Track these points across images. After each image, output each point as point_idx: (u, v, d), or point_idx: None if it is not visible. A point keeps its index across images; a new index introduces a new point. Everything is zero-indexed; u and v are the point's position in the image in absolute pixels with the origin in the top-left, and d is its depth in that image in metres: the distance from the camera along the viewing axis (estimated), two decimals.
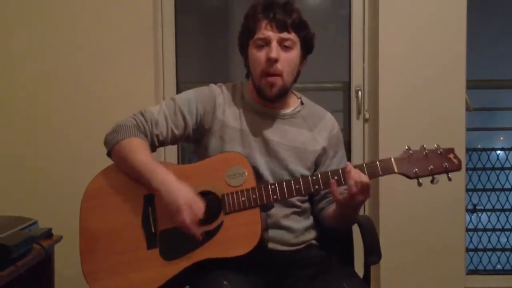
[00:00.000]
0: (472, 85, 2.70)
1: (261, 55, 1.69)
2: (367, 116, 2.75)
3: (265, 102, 1.76)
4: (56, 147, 2.63)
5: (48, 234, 2.03)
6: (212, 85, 1.83)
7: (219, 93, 1.80)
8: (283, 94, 1.74)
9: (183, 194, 1.56)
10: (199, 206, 1.56)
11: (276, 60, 1.67)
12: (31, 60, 2.64)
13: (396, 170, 1.56)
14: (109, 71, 2.63)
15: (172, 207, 1.56)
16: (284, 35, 1.68)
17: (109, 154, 1.72)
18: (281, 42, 1.68)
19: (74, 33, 2.63)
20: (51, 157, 2.63)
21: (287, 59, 1.69)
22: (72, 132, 2.63)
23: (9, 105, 2.65)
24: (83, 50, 2.63)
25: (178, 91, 2.77)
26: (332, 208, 1.72)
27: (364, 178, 1.53)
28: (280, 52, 1.68)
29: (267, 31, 1.68)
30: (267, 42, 1.68)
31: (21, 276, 1.73)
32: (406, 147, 1.57)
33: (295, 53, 1.72)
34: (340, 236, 1.90)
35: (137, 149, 1.65)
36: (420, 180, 1.55)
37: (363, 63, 2.77)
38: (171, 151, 2.77)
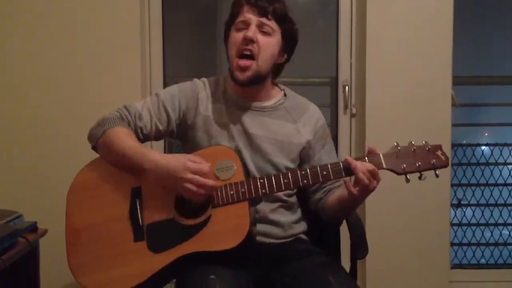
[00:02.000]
0: (458, 81, 2.71)
1: (238, 35, 1.69)
2: (354, 111, 2.75)
3: (246, 94, 1.77)
4: (41, 141, 2.61)
5: (33, 227, 2.02)
6: (196, 80, 1.83)
7: (202, 88, 1.80)
8: (256, 81, 1.72)
9: (175, 163, 1.56)
10: (197, 163, 1.56)
11: (252, 40, 1.67)
12: (15, 56, 2.62)
13: (384, 165, 1.56)
14: (95, 66, 2.61)
15: (171, 180, 1.56)
16: (264, 20, 1.69)
17: (94, 148, 1.71)
18: (260, 26, 1.69)
19: (61, 30, 2.60)
20: (36, 150, 2.61)
21: (264, 43, 1.69)
22: (58, 126, 2.61)
23: None
24: (70, 46, 2.60)
25: (165, 85, 2.75)
26: (335, 197, 1.73)
27: (369, 166, 1.53)
28: (258, 35, 1.69)
29: (247, 14, 1.69)
30: (247, 25, 1.69)
31: (6, 269, 1.72)
32: (395, 143, 1.57)
33: (273, 40, 1.72)
34: (328, 230, 1.91)
35: (124, 136, 1.65)
36: (408, 176, 1.56)
37: (351, 58, 2.78)
38: (158, 146, 2.76)
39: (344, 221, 1.84)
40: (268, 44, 1.70)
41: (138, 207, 1.63)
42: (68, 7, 2.60)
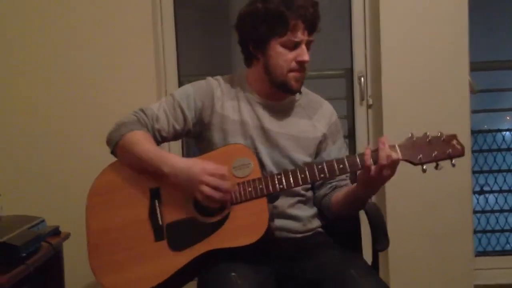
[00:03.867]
0: (476, 67, 2.68)
1: (290, 55, 1.68)
2: (370, 102, 2.74)
3: (267, 94, 1.77)
4: (61, 145, 2.63)
5: (56, 232, 2.05)
6: (210, 79, 1.84)
7: (216, 86, 1.80)
8: None
9: (194, 167, 1.57)
10: (214, 166, 1.57)
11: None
12: (32, 59, 2.63)
13: (400, 156, 1.56)
14: (110, 67, 2.62)
15: (190, 183, 1.57)
16: (312, 37, 1.69)
17: (113, 152, 1.73)
18: (307, 44, 1.70)
19: (73, 30, 2.61)
20: (56, 155, 2.63)
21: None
22: (76, 129, 2.63)
23: (13, 105, 2.64)
24: (83, 47, 2.62)
25: (180, 83, 2.76)
26: (343, 192, 1.73)
27: (395, 154, 1.53)
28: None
29: (301, 35, 1.66)
30: (297, 44, 1.67)
31: (30, 274, 1.74)
32: (410, 134, 1.58)
33: None
34: (347, 223, 1.91)
35: (142, 139, 1.67)
36: (424, 167, 1.55)
37: (365, 49, 2.75)
38: (175, 146, 2.77)
39: (365, 214, 1.83)
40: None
41: (157, 207, 1.64)
42: (80, 7, 2.61)
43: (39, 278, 1.91)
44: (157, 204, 1.64)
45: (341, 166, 1.58)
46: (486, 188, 3.00)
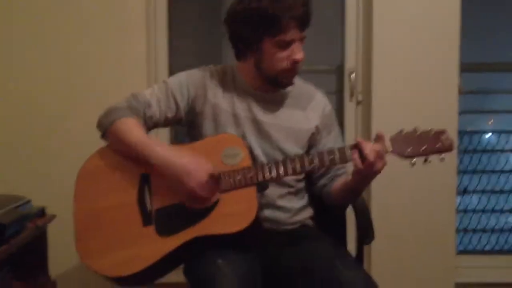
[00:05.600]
0: (466, 68, 2.70)
1: (284, 54, 1.66)
2: (360, 98, 2.75)
3: (260, 86, 1.76)
4: (50, 126, 2.62)
5: (41, 213, 2.04)
6: (203, 68, 1.83)
7: (210, 75, 1.80)
8: None
9: (183, 163, 1.58)
10: (203, 170, 1.58)
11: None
12: (20, 48, 2.62)
13: (390, 149, 1.57)
14: (101, 55, 2.61)
15: (175, 177, 1.57)
16: (304, 33, 1.68)
17: (103, 136, 1.72)
18: (301, 41, 1.68)
19: (66, 21, 2.60)
20: (44, 136, 2.62)
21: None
22: (66, 112, 2.62)
23: (1, 89, 2.63)
24: (74, 35, 2.61)
25: (171, 75, 2.74)
26: (340, 182, 1.74)
27: (376, 146, 1.54)
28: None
29: (293, 34, 1.64)
30: (289, 43, 1.66)
31: (13, 254, 1.74)
32: (400, 129, 1.59)
33: None
34: (333, 216, 1.92)
35: (133, 127, 1.65)
36: (412, 161, 1.57)
37: (356, 46, 2.76)
38: (164, 134, 2.76)
39: (351, 207, 1.85)
40: None
41: (146, 192, 1.64)
42: None
43: (22, 258, 1.90)
44: (146, 189, 1.64)
45: (331, 156, 1.59)
46: (469, 188, 3.03)
